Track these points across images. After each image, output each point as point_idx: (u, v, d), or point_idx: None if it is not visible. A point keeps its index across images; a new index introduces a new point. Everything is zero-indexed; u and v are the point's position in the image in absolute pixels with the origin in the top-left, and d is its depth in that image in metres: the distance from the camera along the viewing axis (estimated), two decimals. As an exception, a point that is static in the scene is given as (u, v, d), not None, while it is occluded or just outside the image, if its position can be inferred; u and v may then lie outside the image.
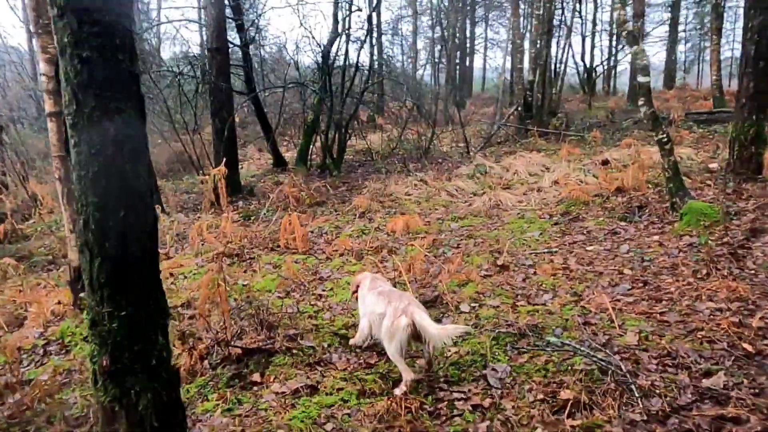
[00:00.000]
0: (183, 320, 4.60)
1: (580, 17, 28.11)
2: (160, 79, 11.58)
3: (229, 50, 10.92)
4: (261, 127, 13.55)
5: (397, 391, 3.46)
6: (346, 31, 13.02)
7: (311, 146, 13.39)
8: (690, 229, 5.95)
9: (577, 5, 23.88)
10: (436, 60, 30.20)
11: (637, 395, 3.09)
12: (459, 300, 4.86)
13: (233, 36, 12.49)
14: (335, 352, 4.15)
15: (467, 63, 33.29)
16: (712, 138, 12.05)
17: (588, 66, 27.57)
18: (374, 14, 18.02)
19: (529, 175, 10.75)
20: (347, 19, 13.05)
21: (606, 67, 30.06)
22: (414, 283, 5.36)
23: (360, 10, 13.51)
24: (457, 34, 25.42)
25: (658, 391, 3.12)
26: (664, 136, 6.64)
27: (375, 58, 18.60)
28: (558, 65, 18.90)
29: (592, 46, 29.95)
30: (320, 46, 12.65)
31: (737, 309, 4.06)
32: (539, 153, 12.44)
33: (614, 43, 29.50)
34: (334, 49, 12.82)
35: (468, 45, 32.77)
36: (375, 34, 23.93)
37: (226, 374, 3.83)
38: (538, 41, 16.38)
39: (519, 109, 16.72)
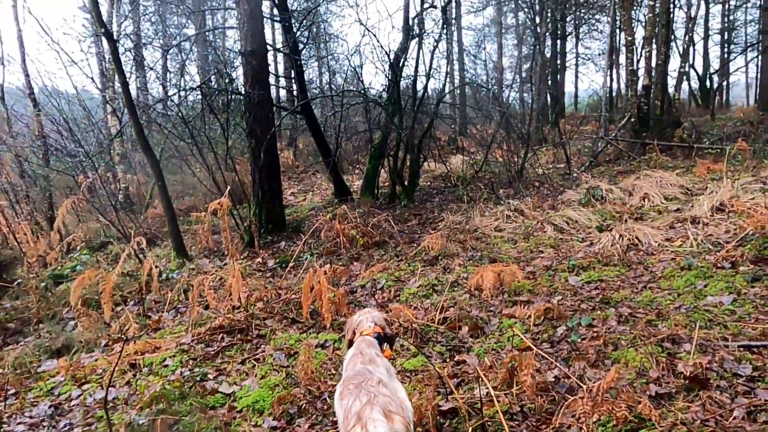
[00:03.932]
0: None
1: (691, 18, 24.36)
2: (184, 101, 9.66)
3: (268, 54, 8.79)
4: (319, 150, 11.36)
5: None
6: (417, 31, 10.66)
7: (379, 172, 11.05)
8: None
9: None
10: (524, 78, 27.19)
11: None
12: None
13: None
14: None
15: (558, 79, 30.03)
16: None
17: (702, 74, 23.86)
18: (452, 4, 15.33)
19: (665, 200, 7.83)
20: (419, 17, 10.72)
21: (719, 77, 25.73)
22: (522, 419, 2.74)
23: (435, 7, 11.06)
24: (548, 47, 22.46)
25: None
26: None
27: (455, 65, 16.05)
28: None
29: (705, 52, 25.89)
30: (388, 53, 10.32)
31: None
32: (666, 171, 9.41)
33: (727, 50, 25.45)
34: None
35: (558, 61, 29.52)
36: (455, 48, 21.66)
37: None
38: (654, 37, 13.38)
39: (632, 120, 13.59)
